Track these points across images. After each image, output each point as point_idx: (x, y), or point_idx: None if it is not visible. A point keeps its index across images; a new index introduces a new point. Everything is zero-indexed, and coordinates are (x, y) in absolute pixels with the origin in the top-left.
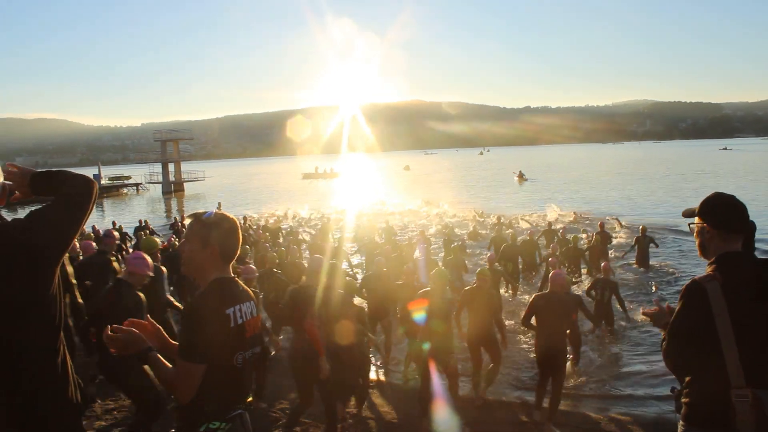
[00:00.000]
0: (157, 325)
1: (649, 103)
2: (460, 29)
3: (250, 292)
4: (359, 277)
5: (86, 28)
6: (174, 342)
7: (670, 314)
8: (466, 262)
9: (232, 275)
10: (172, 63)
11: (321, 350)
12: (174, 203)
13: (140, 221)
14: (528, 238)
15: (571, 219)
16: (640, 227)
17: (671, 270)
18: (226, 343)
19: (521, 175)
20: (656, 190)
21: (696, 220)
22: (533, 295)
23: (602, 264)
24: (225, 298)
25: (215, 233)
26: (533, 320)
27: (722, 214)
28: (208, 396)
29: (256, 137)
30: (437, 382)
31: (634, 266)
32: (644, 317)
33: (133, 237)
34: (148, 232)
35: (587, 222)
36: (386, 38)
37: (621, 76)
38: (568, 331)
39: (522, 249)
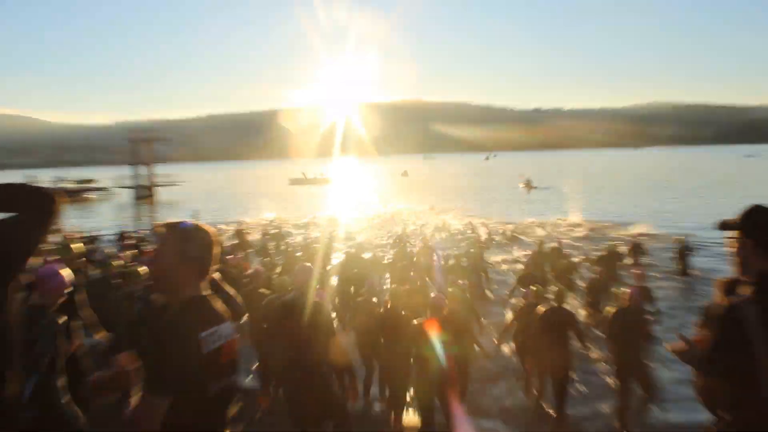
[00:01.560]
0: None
1: (672, 105)
2: (460, 24)
3: (226, 312)
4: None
5: (55, 15)
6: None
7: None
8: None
9: (207, 293)
10: (150, 56)
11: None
12: (145, 210)
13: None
14: (557, 244)
15: (588, 230)
16: (678, 237)
17: (710, 278)
18: (198, 371)
19: (528, 183)
20: (682, 199)
21: (736, 234)
22: (612, 310)
23: (635, 271)
24: (199, 319)
25: (193, 246)
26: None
27: (765, 229)
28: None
29: (241, 138)
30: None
31: (674, 276)
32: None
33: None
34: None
35: (604, 234)
36: (385, 32)
37: (641, 76)
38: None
39: (549, 257)
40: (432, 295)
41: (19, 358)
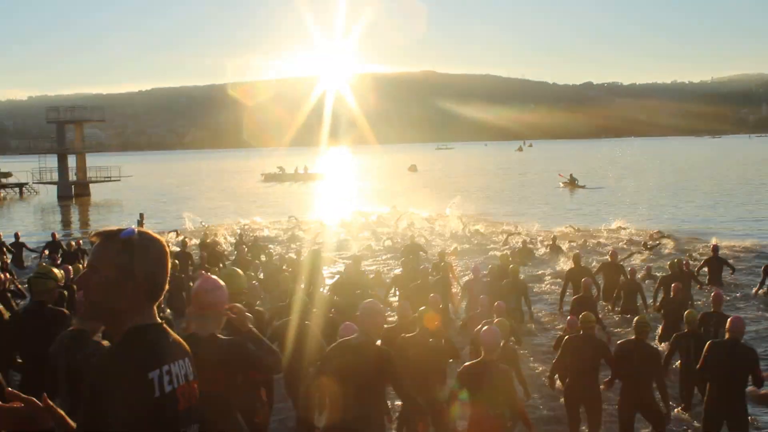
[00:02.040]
0: (50, 402)
1: (767, 78)
2: None
3: (185, 344)
4: None
5: None
6: (73, 424)
7: None
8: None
9: (159, 321)
10: (76, 8)
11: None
12: (75, 213)
13: (16, 235)
14: (609, 259)
15: (650, 239)
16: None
17: None
18: (147, 422)
19: (572, 181)
20: None
21: None
22: (708, 343)
23: (713, 293)
24: (148, 355)
25: (139, 260)
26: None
27: None
28: None
29: (199, 119)
30: None
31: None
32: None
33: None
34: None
35: (676, 245)
36: None
37: (725, 41)
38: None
39: (600, 274)
40: (483, 328)
41: None
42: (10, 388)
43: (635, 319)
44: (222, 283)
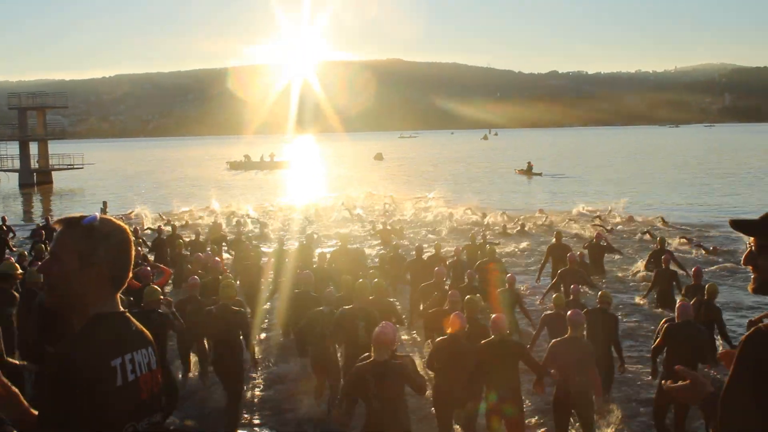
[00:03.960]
0: (12, 387)
1: (730, 68)
2: None
3: (147, 333)
4: None
5: None
6: (34, 411)
7: (704, 385)
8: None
9: (122, 309)
10: None
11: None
12: (37, 201)
13: (3, 218)
14: (594, 241)
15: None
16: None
17: None
18: (110, 410)
19: (529, 169)
20: (738, 189)
21: (751, 240)
22: (665, 326)
23: (693, 268)
24: (110, 343)
25: (102, 247)
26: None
27: None
28: None
29: (164, 107)
30: None
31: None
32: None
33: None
34: (11, 236)
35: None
36: None
37: (687, 32)
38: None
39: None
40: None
41: None
42: None
43: (599, 293)
44: (390, 328)
